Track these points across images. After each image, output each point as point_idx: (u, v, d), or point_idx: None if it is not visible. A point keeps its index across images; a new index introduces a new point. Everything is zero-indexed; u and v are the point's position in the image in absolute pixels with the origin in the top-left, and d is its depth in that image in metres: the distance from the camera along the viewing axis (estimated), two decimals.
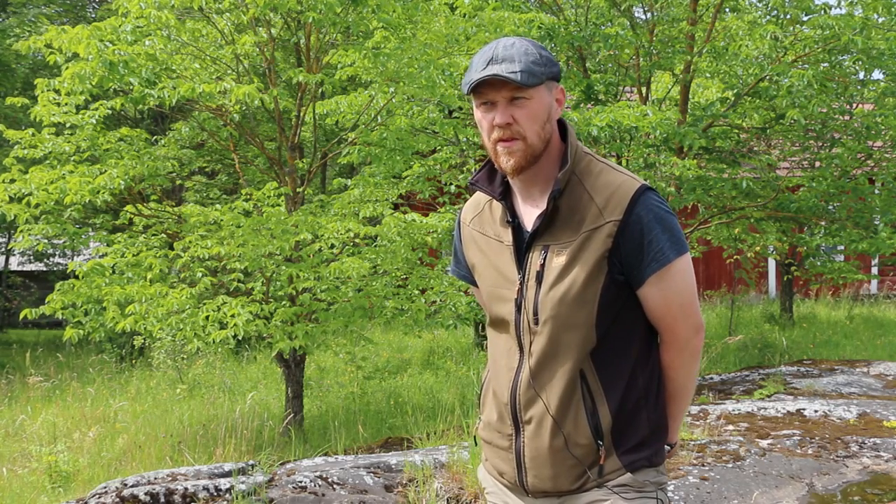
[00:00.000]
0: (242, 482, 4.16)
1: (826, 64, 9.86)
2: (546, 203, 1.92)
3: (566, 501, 1.97)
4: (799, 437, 5.35)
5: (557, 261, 1.90)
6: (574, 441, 1.91)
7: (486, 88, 1.87)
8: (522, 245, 1.96)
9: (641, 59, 9.79)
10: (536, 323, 1.92)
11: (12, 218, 6.72)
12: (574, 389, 1.90)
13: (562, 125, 1.98)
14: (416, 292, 7.35)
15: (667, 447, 2.06)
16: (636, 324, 1.95)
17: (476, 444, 2.18)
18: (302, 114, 7.54)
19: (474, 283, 2.17)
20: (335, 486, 4.23)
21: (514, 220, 1.98)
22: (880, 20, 9.46)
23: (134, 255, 6.90)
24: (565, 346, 1.90)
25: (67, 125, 6.99)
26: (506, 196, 2.00)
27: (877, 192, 10.60)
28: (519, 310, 1.95)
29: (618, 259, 1.88)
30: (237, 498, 4.03)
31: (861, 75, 11.21)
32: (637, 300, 1.94)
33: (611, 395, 1.91)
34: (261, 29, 7.39)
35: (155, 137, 10.75)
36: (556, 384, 1.91)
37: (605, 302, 1.89)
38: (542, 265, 1.92)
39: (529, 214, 1.98)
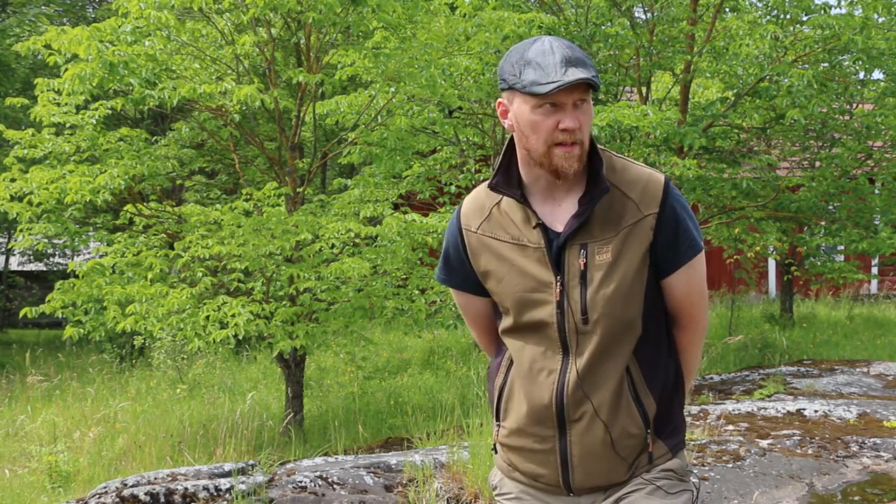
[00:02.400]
0: (242, 482, 4.16)
1: (826, 64, 9.85)
2: (577, 203, 1.92)
3: (612, 493, 2.00)
4: (799, 437, 5.35)
5: (601, 258, 1.90)
6: (627, 432, 1.94)
7: (559, 92, 1.84)
8: (552, 245, 1.93)
9: (641, 58, 9.79)
10: (585, 322, 1.91)
11: (14, 216, 6.73)
12: (622, 383, 1.93)
13: None
14: (417, 292, 7.35)
15: None
16: (663, 315, 2.02)
17: (496, 451, 2.13)
18: (302, 114, 7.54)
19: (469, 291, 2.11)
20: (335, 486, 4.23)
21: (541, 221, 1.95)
22: (880, 20, 9.45)
23: (134, 255, 6.90)
24: (618, 342, 1.92)
25: (67, 125, 6.99)
26: (523, 197, 1.99)
27: (877, 192, 10.60)
28: (562, 311, 1.92)
29: (654, 251, 1.92)
30: (237, 498, 4.03)
31: (861, 75, 11.20)
32: (660, 291, 1.99)
33: (652, 384, 1.96)
34: (261, 29, 7.39)
35: (155, 137, 10.76)
36: (607, 381, 1.93)
37: (649, 295, 1.95)
38: (585, 264, 1.91)
39: (551, 214, 1.95)
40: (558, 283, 1.92)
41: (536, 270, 1.94)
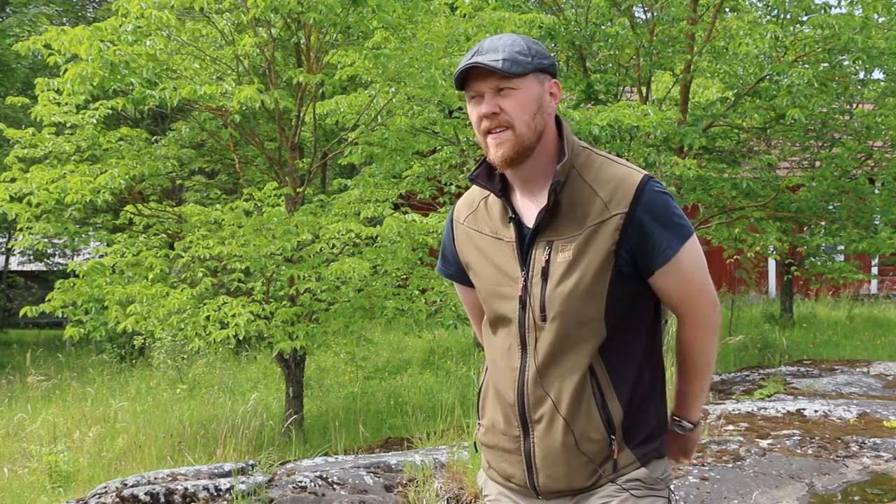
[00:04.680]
0: (242, 482, 4.17)
1: (826, 64, 9.86)
2: (546, 198, 1.90)
3: (580, 501, 1.96)
4: (799, 437, 5.35)
5: (563, 256, 1.89)
6: (587, 437, 1.90)
7: (473, 81, 1.88)
8: (524, 241, 1.94)
9: (641, 58, 9.79)
10: (544, 319, 1.89)
11: (13, 217, 6.72)
12: (584, 385, 1.89)
13: (557, 121, 1.97)
14: (417, 292, 7.34)
15: (690, 425, 2.08)
16: (643, 317, 1.96)
17: (476, 449, 2.14)
18: (302, 114, 7.54)
19: (463, 282, 2.15)
20: (335, 486, 4.24)
21: (514, 216, 1.96)
22: (880, 20, 9.45)
23: (134, 255, 6.90)
24: (574, 341, 1.89)
25: (68, 125, 7.00)
26: (505, 192, 1.99)
27: (877, 192, 10.60)
28: (524, 307, 1.92)
29: (626, 252, 1.87)
30: (237, 498, 4.03)
31: (861, 75, 11.21)
32: (644, 292, 1.93)
33: (620, 389, 1.90)
34: (261, 29, 7.39)
35: (155, 137, 10.76)
36: (566, 380, 1.89)
37: (614, 295, 1.88)
38: (548, 261, 1.90)
39: (529, 210, 1.96)
40: (522, 279, 1.93)
41: (507, 265, 1.96)
